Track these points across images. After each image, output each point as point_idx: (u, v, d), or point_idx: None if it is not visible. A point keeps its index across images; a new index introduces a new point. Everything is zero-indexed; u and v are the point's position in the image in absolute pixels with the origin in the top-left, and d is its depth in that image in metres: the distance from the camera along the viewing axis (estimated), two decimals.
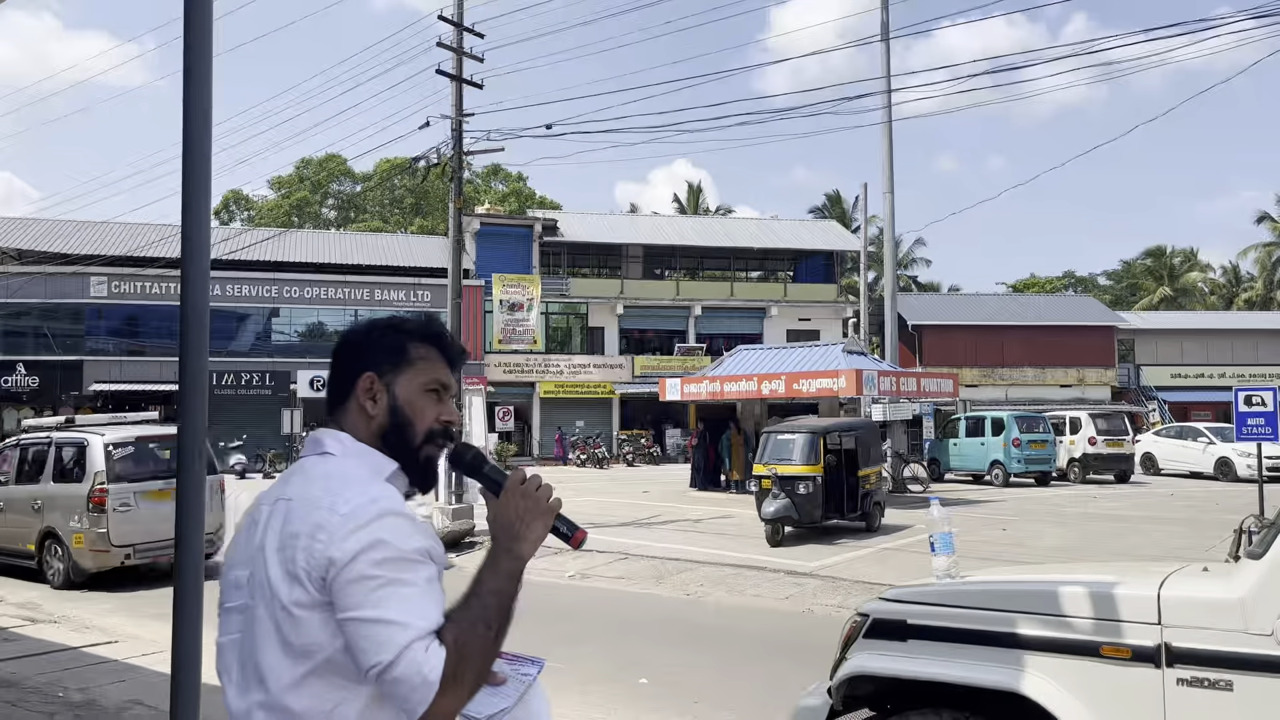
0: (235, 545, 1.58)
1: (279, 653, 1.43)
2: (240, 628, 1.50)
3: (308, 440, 1.65)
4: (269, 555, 1.46)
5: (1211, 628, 3.06)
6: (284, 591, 1.42)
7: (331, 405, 1.68)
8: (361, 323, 1.75)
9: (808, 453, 14.27)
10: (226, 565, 1.58)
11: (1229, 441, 25.36)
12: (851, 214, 54.63)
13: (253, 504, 1.61)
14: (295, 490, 1.52)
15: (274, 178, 59.78)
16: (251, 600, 1.48)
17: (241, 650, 1.48)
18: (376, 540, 1.41)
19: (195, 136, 3.31)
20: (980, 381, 41.85)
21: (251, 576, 1.49)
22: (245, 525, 1.58)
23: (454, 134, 18.24)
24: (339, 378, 1.68)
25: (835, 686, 3.80)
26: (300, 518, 1.45)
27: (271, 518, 1.51)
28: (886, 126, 23.84)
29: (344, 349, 1.70)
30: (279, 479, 1.62)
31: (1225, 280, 61.83)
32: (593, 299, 40.79)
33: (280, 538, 1.46)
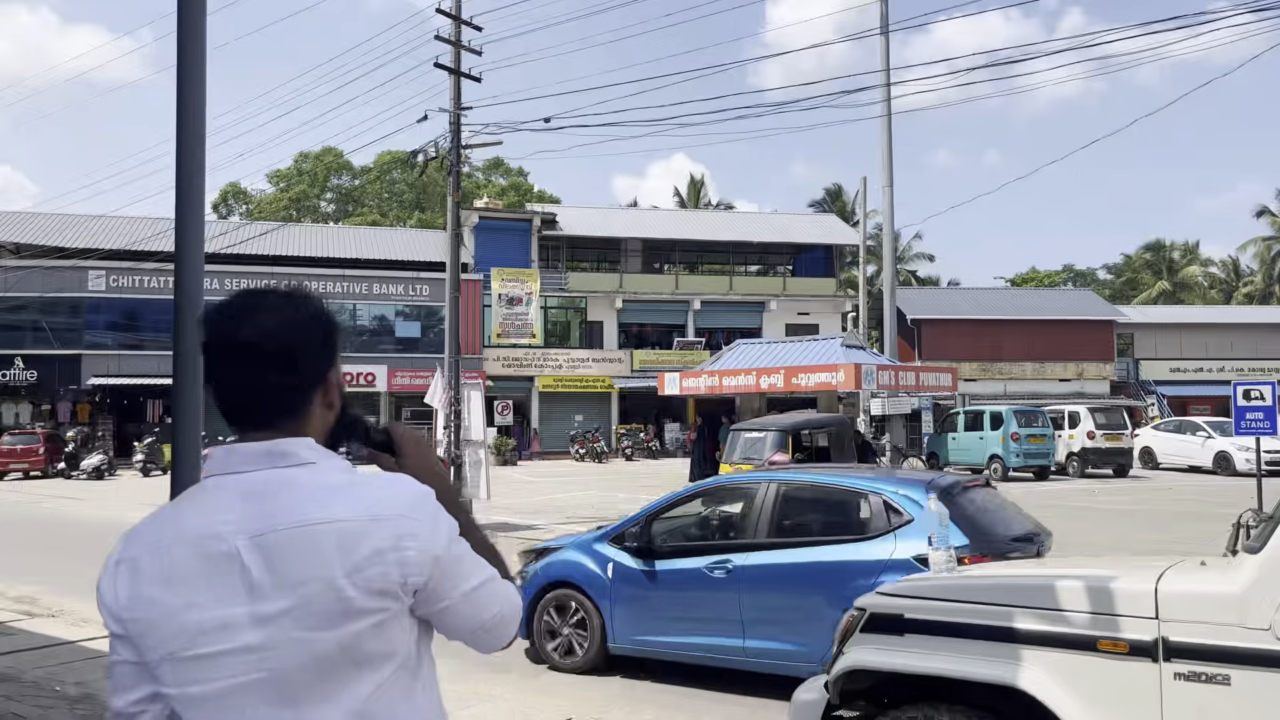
0: (181, 587, 1.37)
1: (352, 671, 1.39)
2: (255, 668, 1.36)
3: (260, 454, 1.43)
4: (339, 582, 1.35)
5: (1209, 622, 3.05)
6: (371, 609, 1.37)
7: (276, 416, 1.46)
8: (280, 306, 1.47)
9: (777, 451, 13.90)
10: (166, 610, 1.37)
11: (1228, 436, 25.42)
12: (852, 208, 54.58)
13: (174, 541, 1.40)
14: (328, 511, 1.39)
15: (272, 171, 59.77)
16: (294, 633, 1.36)
17: (270, 689, 1.37)
18: (448, 521, 1.47)
19: (189, 130, 3.30)
20: (979, 376, 41.87)
21: (293, 609, 1.35)
22: (191, 563, 1.38)
23: (452, 127, 18.20)
24: (296, 384, 1.47)
25: (832, 680, 3.80)
26: (372, 534, 1.38)
27: (308, 544, 1.37)
28: (886, 120, 23.80)
29: (303, 346, 1.47)
30: (232, 506, 1.40)
31: (1225, 275, 61.85)
32: (591, 293, 40.76)
33: (352, 561, 1.36)
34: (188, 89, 3.27)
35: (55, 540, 15.55)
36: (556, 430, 38.21)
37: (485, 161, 60.14)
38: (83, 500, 22.17)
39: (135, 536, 1.46)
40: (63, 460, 29.41)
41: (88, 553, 14.38)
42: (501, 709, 6.34)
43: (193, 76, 3.29)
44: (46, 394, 34.53)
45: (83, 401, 34.88)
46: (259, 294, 1.49)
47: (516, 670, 7.23)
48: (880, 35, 24.06)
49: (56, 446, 29.97)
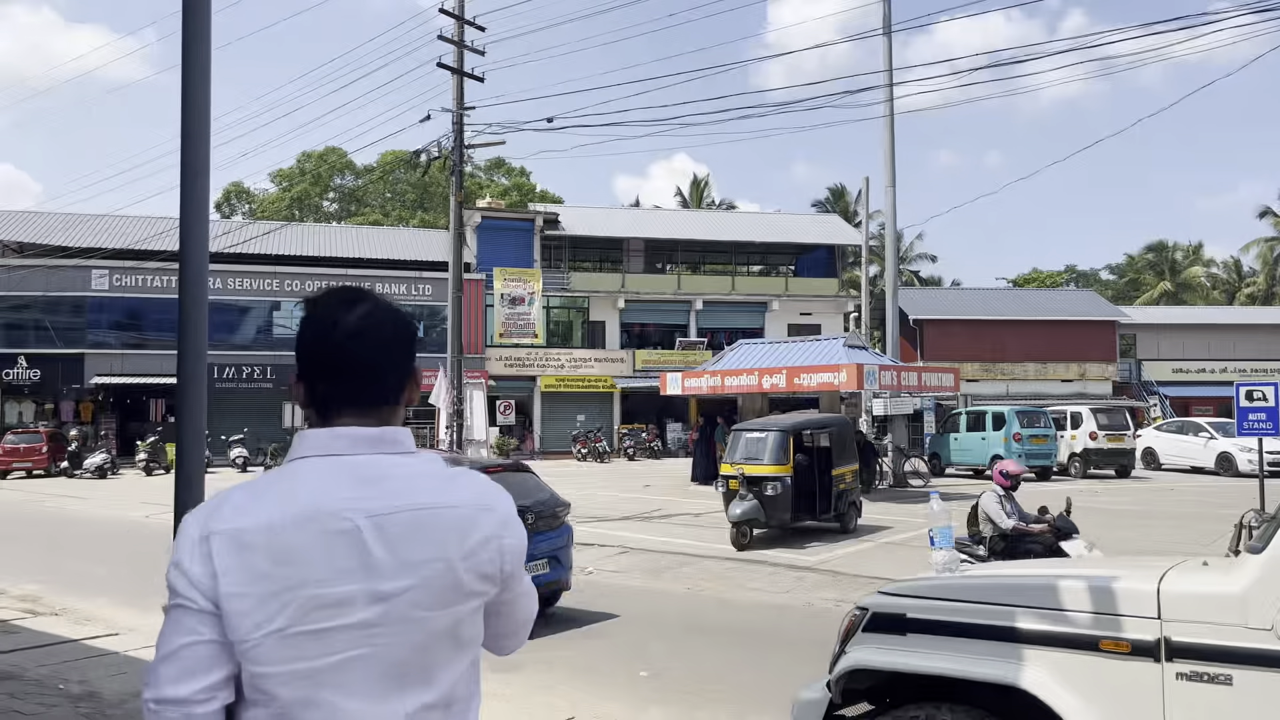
0: (299, 563, 1.38)
1: (451, 651, 1.48)
2: (365, 643, 1.39)
3: (370, 439, 1.48)
4: (457, 564, 1.45)
5: (1211, 622, 3.05)
6: (479, 592, 1.50)
7: (382, 400, 1.53)
8: (384, 304, 1.57)
9: (777, 452, 13.74)
10: (291, 584, 1.37)
11: (1230, 436, 25.38)
12: (854, 208, 54.56)
13: (298, 518, 1.39)
14: (444, 497, 1.47)
15: (275, 171, 59.80)
16: (409, 612, 1.41)
17: (377, 665, 1.40)
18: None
19: (194, 130, 3.31)
20: (981, 376, 41.84)
21: (411, 588, 1.41)
22: (311, 540, 1.39)
23: (455, 127, 18.23)
24: (401, 370, 1.56)
25: (834, 680, 3.81)
26: (484, 524, 1.50)
27: (428, 527, 1.44)
28: (888, 120, 23.80)
29: (405, 337, 1.57)
30: (339, 483, 1.43)
31: (1227, 275, 61.76)
32: (594, 293, 40.76)
33: (466, 546, 1.47)
34: (192, 89, 3.28)
35: (58, 539, 15.57)
36: (559, 430, 38.21)
37: (487, 161, 60.18)
38: (85, 499, 22.20)
39: (222, 511, 1.42)
40: (65, 459, 29.45)
41: (90, 552, 14.50)
42: (507, 709, 6.35)
43: (197, 76, 3.30)
44: (50, 393, 34.57)
45: (85, 400, 34.92)
46: (360, 290, 1.58)
47: (529, 669, 7.22)
48: (883, 35, 24.06)
49: (59, 445, 30.01)
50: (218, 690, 1.37)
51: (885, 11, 24.07)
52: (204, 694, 1.36)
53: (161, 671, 1.37)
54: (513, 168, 61.84)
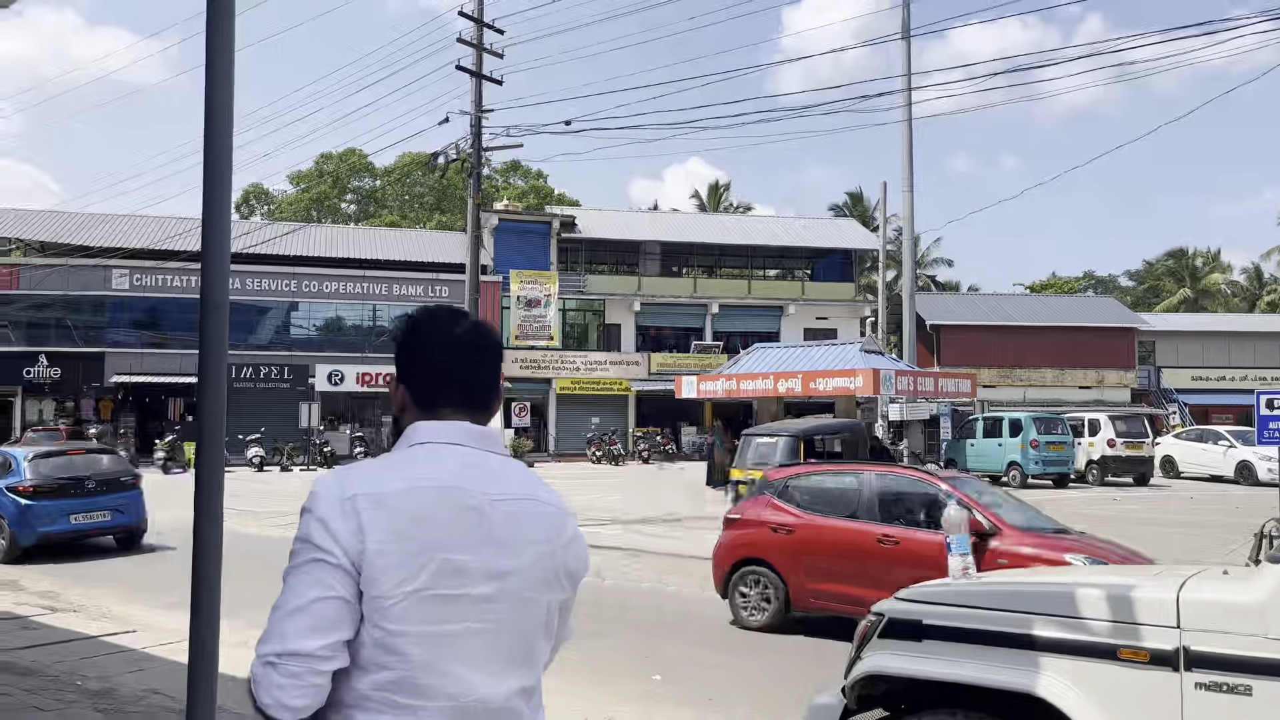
0: (436, 528, 1.47)
1: (544, 640, 1.60)
2: (484, 617, 1.50)
3: (482, 435, 1.64)
4: (556, 557, 1.60)
5: (1231, 632, 3.03)
6: (564, 588, 1.63)
7: (490, 405, 1.71)
8: (493, 329, 1.78)
9: (788, 457, 13.69)
10: (430, 545, 1.45)
11: (1250, 445, 25.14)
12: (872, 212, 54.41)
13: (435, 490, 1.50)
14: (541, 493, 1.64)
15: (294, 172, 60.14)
16: (523, 592, 1.54)
17: (496, 638, 1.51)
18: None
19: (217, 133, 3.33)
20: (998, 382, 41.62)
21: (521, 570, 1.54)
22: (444, 511, 1.49)
23: (473, 130, 18.29)
24: (499, 383, 1.75)
25: (850, 685, 3.79)
26: (570, 523, 1.66)
27: (534, 519, 1.59)
28: (906, 125, 23.74)
29: (502, 356, 1.77)
30: (470, 472, 1.56)
31: (1247, 282, 61.22)
32: (610, 296, 40.79)
33: (563, 539, 1.62)
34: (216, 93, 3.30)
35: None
36: (573, 432, 38.25)
37: (504, 164, 60.32)
38: None
39: (356, 477, 1.52)
40: None
41: (107, 549, 14.54)
42: None
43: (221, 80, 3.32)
44: (70, 391, 34.86)
45: (105, 399, 35.20)
46: (461, 310, 1.78)
47: None
48: (902, 40, 24.01)
49: None
50: (339, 651, 1.43)
51: (904, 16, 24.02)
52: (329, 650, 1.41)
53: (289, 624, 1.41)
54: (530, 170, 61.98)
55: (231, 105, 3.36)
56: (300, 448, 32.29)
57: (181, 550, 14.98)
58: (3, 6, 6.44)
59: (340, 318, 37.86)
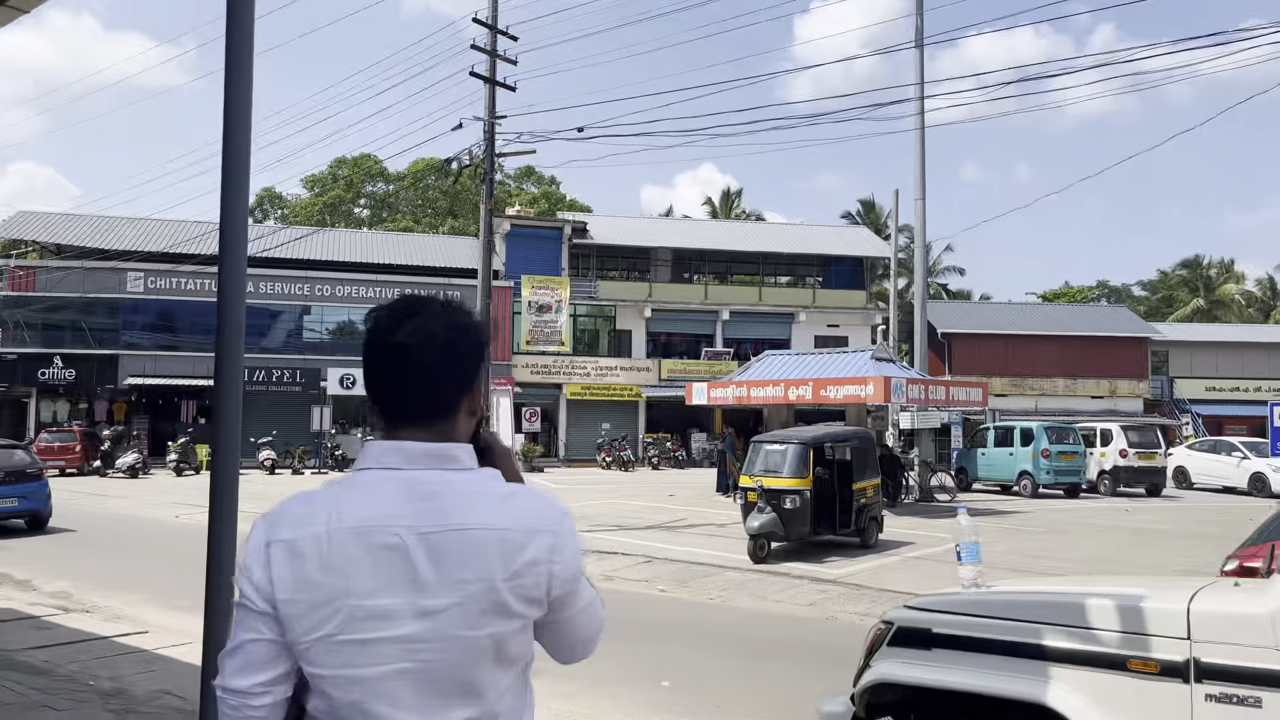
0: (346, 574, 1.43)
1: (494, 668, 1.48)
2: (409, 657, 1.42)
3: (427, 454, 1.50)
4: (499, 587, 1.45)
5: (1242, 643, 3.02)
6: (523, 614, 1.49)
7: (433, 413, 1.54)
8: (442, 314, 1.56)
9: (797, 465, 13.60)
10: (333, 593, 1.42)
11: (1264, 456, 24.99)
12: (884, 220, 54.32)
13: (350, 530, 1.44)
14: (492, 519, 1.47)
15: (308, 176, 60.46)
16: (452, 629, 1.43)
17: (422, 678, 1.43)
18: (578, 539, 1.57)
19: (235, 138, 3.37)
20: (1010, 391, 41.46)
21: (454, 607, 1.43)
22: (359, 552, 1.43)
23: (486, 136, 18.36)
24: (453, 383, 1.55)
25: (858, 693, 3.80)
26: (532, 547, 1.48)
27: (472, 547, 1.44)
28: (919, 133, 23.71)
29: (457, 350, 1.55)
30: (400, 501, 1.46)
31: (1261, 293, 60.85)
32: (621, 301, 40.84)
33: (511, 569, 1.46)
34: (234, 99, 3.35)
35: (89, 537, 15.80)
36: (584, 438, 38.28)
37: (517, 170, 60.53)
38: (117, 498, 22.51)
39: (282, 521, 1.49)
40: (98, 458, 29.87)
41: (121, 550, 14.70)
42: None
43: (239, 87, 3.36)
44: (84, 393, 35.09)
45: (119, 401, 35.42)
46: (423, 300, 1.59)
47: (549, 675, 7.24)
48: (915, 49, 24.00)
49: (93, 445, 30.45)
50: (274, 685, 1.47)
51: (918, 24, 24.00)
52: (261, 688, 1.46)
53: (227, 663, 1.48)
54: (542, 176, 62.17)
55: (249, 113, 3.41)
56: (312, 451, 32.42)
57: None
58: (23, 11, 6.50)
59: (352, 322, 38.01)
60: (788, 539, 13.65)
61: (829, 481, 14.29)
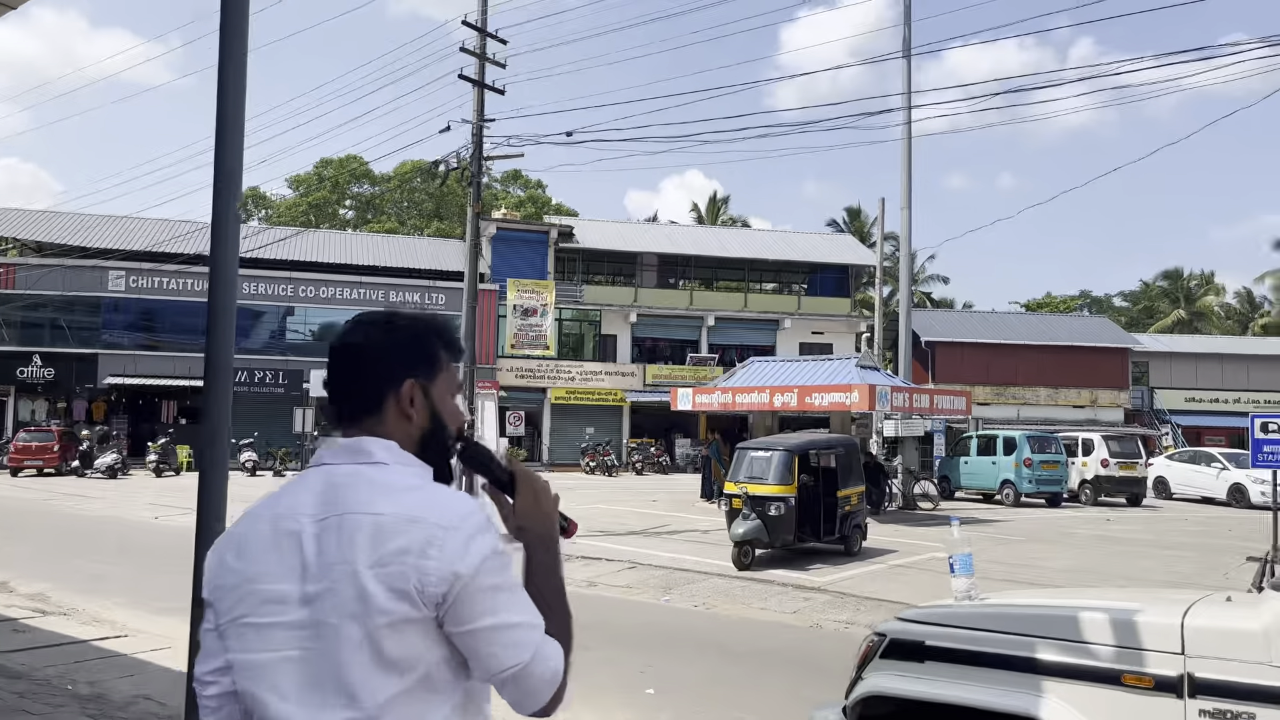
0: (252, 558, 1.48)
1: (373, 669, 1.41)
2: (295, 645, 1.43)
3: (338, 449, 1.55)
4: (362, 573, 1.40)
5: (1235, 659, 3.02)
6: (389, 609, 1.40)
7: (356, 412, 1.58)
8: (377, 322, 1.63)
9: (782, 471, 13.63)
10: (240, 577, 1.48)
11: (1243, 468, 25.20)
12: (869, 228, 54.55)
13: (267, 516, 1.51)
14: (374, 505, 1.45)
15: (292, 177, 60.16)
16: (326, 617, 1.42)
17: (305, 668, 1.43)
18: (492, 549, 1.46)
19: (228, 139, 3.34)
20: (992, 400, 41.67)
21: (327, 592, 1.42)
22: (265, 537, 1.48)
23: (474, 139, 18.31)
24: (370, 383, 1.59)
25: (850, 706, 3.78)
26: (405, 535, 1.42)
27: (349, 533, 1.43)
28: (906, 142, 23.79)
29: (372, 353, 1.59)
30: (313, 491, 1.51)
31: (1240, 305, 61.47)
32: (606, 306, 40.81)
33: (378, 555, 1.41)
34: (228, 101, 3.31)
35: (68, 538, 15.62)
36: (568, 442, 38.21)
37: (504, 173, 60.43)
38: (95, 499, 22.27)
39: (244, 514, 1.57)
40: (77, 458, 29.56)
41: (99, 552, 14.53)
42: None
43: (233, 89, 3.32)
44: (63, 392, 34.74)
45: (98, 400, 35.09)
46: (373, 311, 1.69)
47: None
48: (903, 58, 24.09)
49: (71, 444, 30.12)
50: (221, 675, 1.51)
51: (905, 34, 24.10)
52: (210, 676, 1.52)
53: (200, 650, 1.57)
54: (529, 180, 62.10)
55: (242, 116, 3.37)
56: (293, 452, 32.21)
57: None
58: (10, 8, 6.42)
59: (336, 323, 37.71)
60: (772, 546, 13.64)
61: (814, 489, 14.31)
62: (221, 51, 3.23)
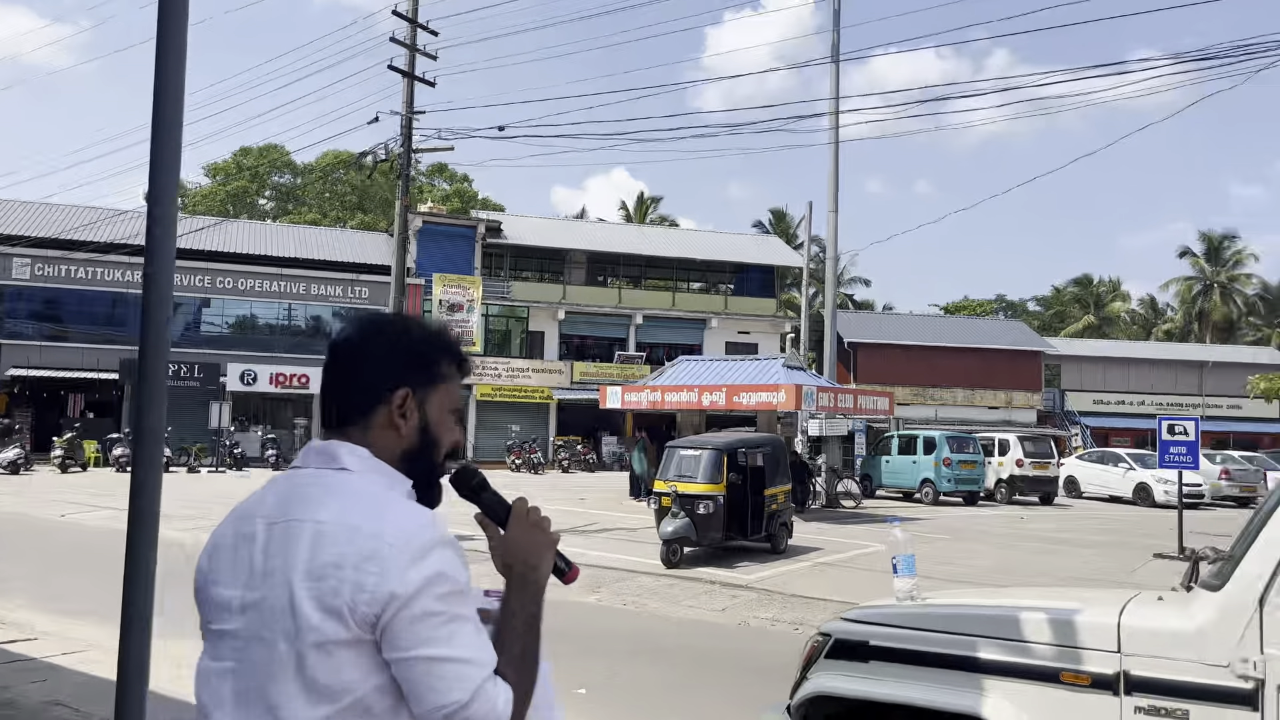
0: (217, 560, 1.42)
1: (298, 691, 1.30)
2: (234, 656, 1.35)
3: (311, 452, 1.48)
4: (296, 585, 1.30)
5: (1169, 657, 3.11)
6: (318, 626, 1.29)
7: (344, 417, 1.50)
8: (380, 324, 1.56)
9: (711, 470, 13.73)
10: (206, 579, 1.44)
11: (1148, 468, 26.24)
12: (795, 230, 55.31)
13: (235, 517, 1.46)
14: (318, 511, 1.36)
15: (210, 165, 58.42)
16: (259, 629, 1.33)
17: (239, 681, 1.34)
18: (438, 573, 1.34)
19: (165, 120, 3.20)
20: (912, 400, 42.62)
21: (261, 602, 1.34)
22: (229, 540, 1.43)
23: (403, 131, 18.00)
24: (362, 388, 1.50)
25: (795, 706, 3.80)
26: (342, 546, 1.31)
27: (289, 540, 1.35)
28: (834, 147, 24.14)
29: (369, 357, 1.51)
30: (276, 493, 1.44)
31: (1145, 311, 64.06)
32: (534, 303, 40.57)
33: (311, 566, 1.31)
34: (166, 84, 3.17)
35: None
36: (493, 440, 37.87)
37: (430, 166, 59.59)
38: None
39: (230, 513, 1.52)
40: None
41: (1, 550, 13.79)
42: None
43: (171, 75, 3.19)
44: None
45: (0, 393, 33.56)
46: (380, 312, 1.66)
47: None
48: (831, 63, 24.45)
49: None
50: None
51: (834, 40, 24.46)
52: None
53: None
54: (455, 173, 61.37)
55: (181, 96, 3.23)
56: (208, 449, 31.28)
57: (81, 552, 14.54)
58: None
59: (255, 316, 36.83)
60: (700, 544, 13.72)
61: (741, 487, 14.42)
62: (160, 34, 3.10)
